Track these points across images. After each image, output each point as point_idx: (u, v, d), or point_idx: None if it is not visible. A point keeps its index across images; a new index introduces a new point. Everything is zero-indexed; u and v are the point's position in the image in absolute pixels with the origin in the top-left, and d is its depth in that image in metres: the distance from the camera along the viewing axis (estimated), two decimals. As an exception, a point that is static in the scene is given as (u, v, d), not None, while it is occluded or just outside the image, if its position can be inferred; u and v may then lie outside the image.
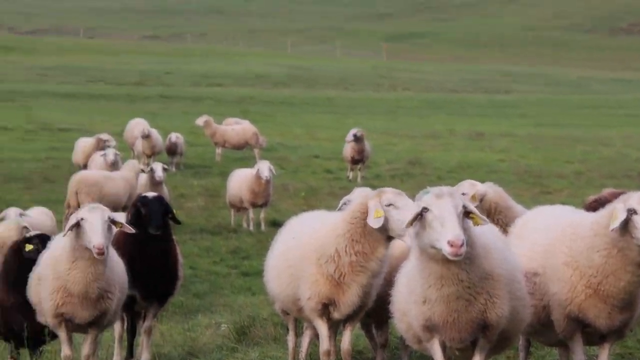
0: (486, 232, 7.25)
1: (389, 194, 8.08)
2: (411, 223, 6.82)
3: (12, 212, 14.58)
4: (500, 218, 10.22)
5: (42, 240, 9.50)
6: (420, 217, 6.80)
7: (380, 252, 8.17)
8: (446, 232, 6.62)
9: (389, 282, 8.17)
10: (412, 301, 7.21)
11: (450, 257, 6.61)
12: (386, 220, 8.00)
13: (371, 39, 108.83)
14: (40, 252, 9.15)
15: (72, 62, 74.83)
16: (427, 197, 6.84)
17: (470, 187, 10.28)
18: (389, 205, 7.99)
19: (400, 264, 7.98)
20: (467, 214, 6.85)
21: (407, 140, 38.07)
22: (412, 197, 7.61)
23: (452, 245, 6.55)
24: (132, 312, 9.83)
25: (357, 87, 67.23)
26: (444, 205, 6.72)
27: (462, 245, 6.54)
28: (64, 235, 8.32)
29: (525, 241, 8.13)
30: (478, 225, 6.95)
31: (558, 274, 7.70)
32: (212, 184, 25.48)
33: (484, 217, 7.00)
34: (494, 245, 7.25)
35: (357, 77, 73.12)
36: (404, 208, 7.90)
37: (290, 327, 9.25)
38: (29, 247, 9.52)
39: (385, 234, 8.09)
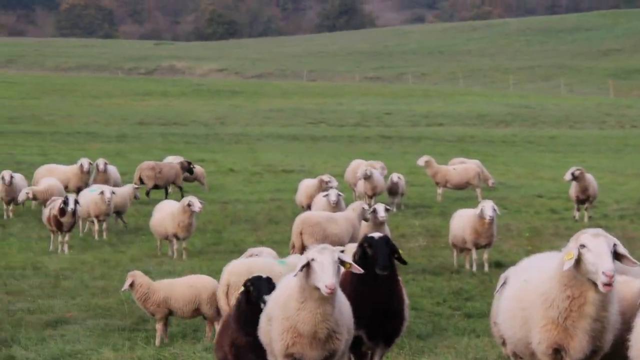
0: None
1: (584, 234, 7.78)
2: None
3: (265, 251, 15.01)
4: None
5: (253, 282, 9.72)
6: None
7: (591, 296, 7.85)
8: None
9: (626, 326, 7.83)
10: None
11: None
12: (582, 262, 7.71)
13: (597, 76, 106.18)
14: (252, 294, 9.48)
15: (294, 104, 76.66)
16: None
17: None
18: (583, 247, 7.69)
19: (634, 306, 7.63)
20: None
21: (635, 180, 36.73)
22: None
23: None
24: (359, 353, 9.81)
25: (581, 125, 65.65)
26: None
27: None
28: (294, 276, 8.44)
29: None
30: None
31: None
32: (433, 224, 25.33)
33: None
34: None
35: (582, 114, 71.40)
36: (594, 250, 7.58)
37: (522, 370, 9.02)
38: (242, 287, 9.81)
39: (587, 277, 7.77)
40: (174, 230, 20.73)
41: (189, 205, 20.59)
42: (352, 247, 14.62)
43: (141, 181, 29.81)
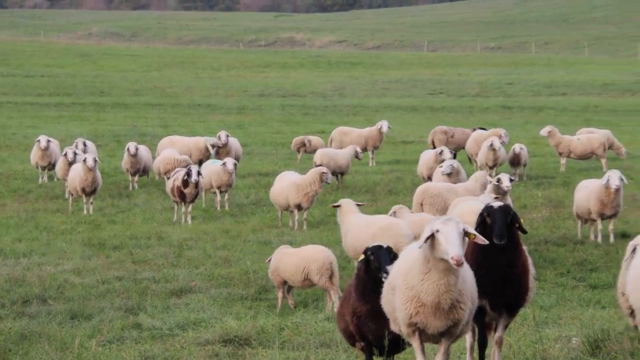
0: None
1: None
2: None
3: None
4: None
5: (374, 251, 9.69)
6: None
7: None
8: None
9: None
10: None
11: None
12: None
13: None
14: (373, 263, 9.51)
15: (413, 75, 76.25)
16: None
17: None
18: None
19: None
20: None
21: None
22: None
23: None
24: (482, 322, 9.72)
25: None
26: None
27: None
28: (419, 247, 8.39)
29: None
30: None
31: None
32: (555, 195, 24.91)
33: None
34: None
35: None
36: None
37: (653, 342, 8.80)
38: (362, 256, 9.78)
39: None
40: (298, 200, 20.80)
41: (320, 176, 20.81)
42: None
43: (433, 145, 30.88)
